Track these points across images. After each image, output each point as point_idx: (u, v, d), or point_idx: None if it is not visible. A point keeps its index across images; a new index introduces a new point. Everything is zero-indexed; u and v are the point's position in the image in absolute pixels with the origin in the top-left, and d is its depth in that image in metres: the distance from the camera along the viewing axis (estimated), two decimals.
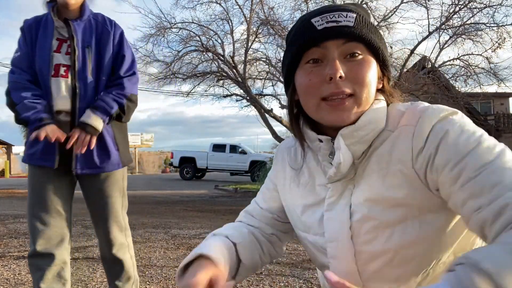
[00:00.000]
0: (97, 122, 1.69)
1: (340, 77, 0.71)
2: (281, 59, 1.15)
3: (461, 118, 0.69)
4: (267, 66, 12.20)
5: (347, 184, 0.77)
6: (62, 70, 1.71)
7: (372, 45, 0.74)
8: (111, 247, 1.82)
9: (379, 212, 0.72)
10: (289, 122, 0.86)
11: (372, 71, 0.74)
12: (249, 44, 11.31)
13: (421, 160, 0.68)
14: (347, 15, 0.73)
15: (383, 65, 0.78)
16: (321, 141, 0.78)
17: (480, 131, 0.67)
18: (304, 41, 0.74)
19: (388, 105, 0.79)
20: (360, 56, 0.73)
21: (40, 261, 1.69)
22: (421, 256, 0.71)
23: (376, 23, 10.18)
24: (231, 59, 11.17)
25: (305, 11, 10.90)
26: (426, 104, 0.74)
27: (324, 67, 0.73)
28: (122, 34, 1.84)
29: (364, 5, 9.69)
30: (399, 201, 0.70)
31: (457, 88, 11.28)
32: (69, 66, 1.72)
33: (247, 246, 0.87)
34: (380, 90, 0.79)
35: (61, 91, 1.70)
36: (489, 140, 0.65)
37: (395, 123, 0.75)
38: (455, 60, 10.64)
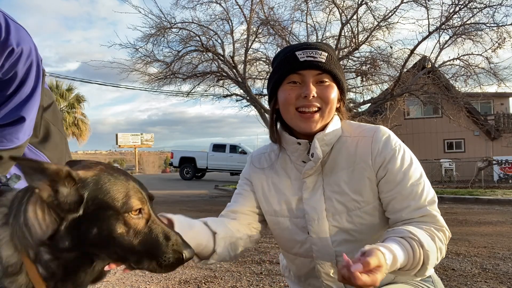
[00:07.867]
0: None
1: (313, 96, 1.04)
2: None
3: (397, 141, 1.06)
4: (267, 66, 12.19)
5: (317, 178, 1.07)
6: None
7: (336, 77, 1.07)
8: None
9: (345, 200, 1.03)
10: (269, 125, 1.15)
11: (334, 94, 1.07)
12: (249, 44, 11.31)
13: (378, 160, 1.02)
14: (321, 53, 1.05)
15: (342, 92, 1.10)
16: (299, 143, 1.07)
17: (403, 152, 1.04)
18: (288, 68, 1.06)
19: (341, 119, 1.13)
20: (327, 83, 1.06)
21: None
22: (367, 233, 1.04)
23: (376, 23, 10.19)
24: (231, 59, 11.17)
25: (305, 11, 10.93)
26: (373, 125, 1.09)
27: (301, 88, 1.05)
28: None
29: (364, 5, 9.73)
30: (360, 191, 1.02)
31: (457, 88, 11.27)
32: None
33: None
34: (336, 109, 1.11)
35: None
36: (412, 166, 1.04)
37: (350, 132, 1.09)
38: (455, 60, 10.64)
